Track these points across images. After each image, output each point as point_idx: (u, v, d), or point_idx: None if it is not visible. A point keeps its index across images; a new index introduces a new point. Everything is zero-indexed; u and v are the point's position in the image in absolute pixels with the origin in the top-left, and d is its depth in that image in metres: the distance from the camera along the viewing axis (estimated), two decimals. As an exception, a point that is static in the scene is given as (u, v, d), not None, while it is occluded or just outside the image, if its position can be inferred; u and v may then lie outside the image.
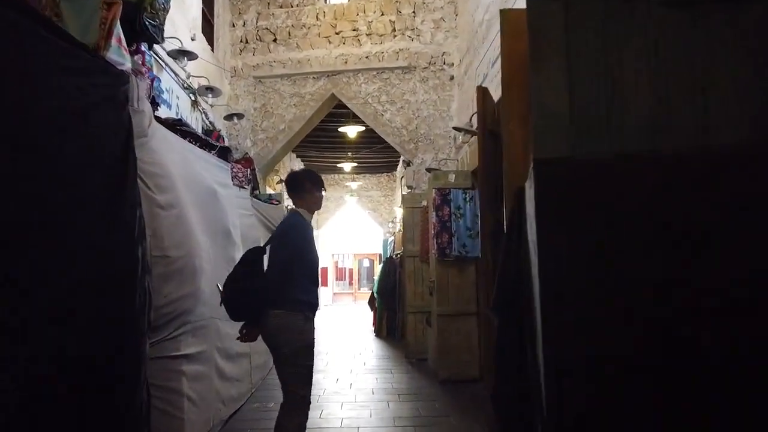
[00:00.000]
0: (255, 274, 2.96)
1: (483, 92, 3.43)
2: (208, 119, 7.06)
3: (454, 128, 5.13)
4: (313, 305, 2.98)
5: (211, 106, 7.38)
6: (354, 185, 14.82)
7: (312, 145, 12.23)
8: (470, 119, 5.21)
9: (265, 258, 3.11)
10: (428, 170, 7.06)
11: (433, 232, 6.03)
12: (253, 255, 3.06)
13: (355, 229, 21.28)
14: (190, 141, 4.60)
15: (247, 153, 7.77)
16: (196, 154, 4.49)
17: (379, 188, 18.73)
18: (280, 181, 11.94)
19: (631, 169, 1.58)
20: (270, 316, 2.88)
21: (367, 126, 8.98)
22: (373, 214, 18.67)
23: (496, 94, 4.05)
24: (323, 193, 3.19)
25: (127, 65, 2.75)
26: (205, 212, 4.04)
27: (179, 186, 3.50)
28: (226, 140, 7.73)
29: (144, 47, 3.70)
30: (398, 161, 16.35)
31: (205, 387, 3.59)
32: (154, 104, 4.64)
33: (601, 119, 1.67)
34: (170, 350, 3.09)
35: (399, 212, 14.10)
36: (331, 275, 22.07)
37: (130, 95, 2.90)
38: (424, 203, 7.33)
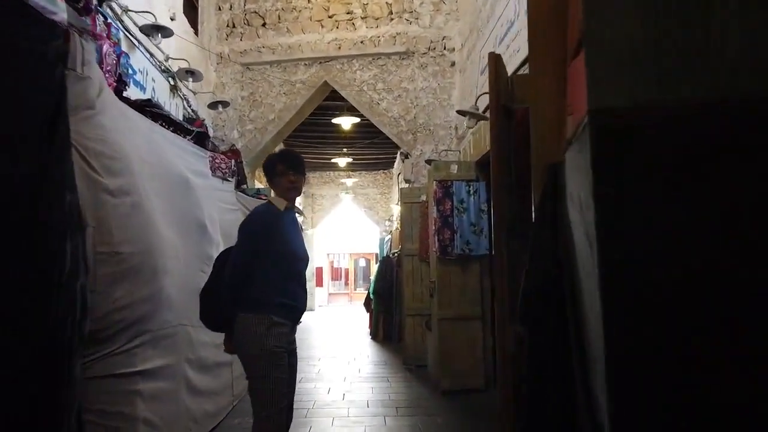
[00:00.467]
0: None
1: (496, 60, 2.91)
2: (189, 106, 6.54)
3: (459, 112, 4.63)
4: (287, 307, 2.48)
5: (195, 93, 6.86)
6: (349, 182, 14.31)
7: (304, 139, 11.71)
8: (475, 102, 4.70)
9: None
10: (428, 162, 6.54)
11: (433, 228, 5.51)
12: (223, 257, 2.59)
13: (350, 228, 20.77)
14: (162, 125, 4.09)
15: (233, 145, 7.23)
16: (167, 138, 3.97)
17: (375, 186, 18.21)
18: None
19: (735, 118, 1.06)
20: (236, 321, 2.43)
21: (362, 117, 8.47)
22: (369, 212, 18.15)
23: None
24: (302, 176, 2.66)
25: (61, 15, 2.23)
26: (174, 203, 3.52)
27: (139, 171, 2.98)
28: (211, 131, 7.21)
29: (95, 2, 3.17)
30: (395, 157, 15.86)
31: (170, 406, 3.07)
32: (122, 82, 4.13)
33: (685, 55, 1.16)
34: (122, 366, 2.57)
35: (396, 210, 13.59)
36: (326, 275, 21.54)
37: (72, 57, 2.38)
38: (424, 198, 6.82)
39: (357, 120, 8.70)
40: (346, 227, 20.67)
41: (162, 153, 3.70)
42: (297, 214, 2.80)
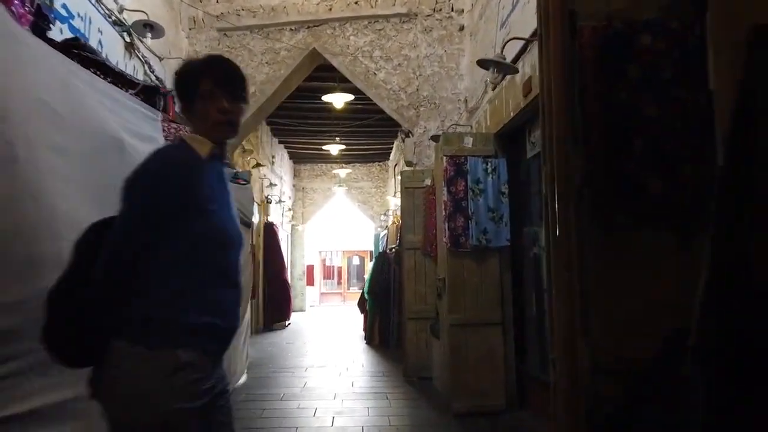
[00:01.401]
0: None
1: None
2: (152, 72, 5.51)
3: (480, 63, 3.64)
4: (209, 332, 1.44)
5: (161, 59, 5.84)
6: (342, 173, 13.31)
7: (293, 124, 10.74)
8: (501, 50, 3.72)
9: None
10: (434, 138, 5.57)
11: (443, 214, 4.54)
12: (94, 234, 1.50)
13: (343, 224, 19.77)
14: (97, 75, 3.11)
15: (208, 122, 6.21)
16: (98, 87, 2.96)
17: (369, 179, 17.23)
18: (257, 165, 10.40)
19: None
20: (109, 355, 1.39)
21: (356, 93, 7.47)
22: (364, 207, 17.16)
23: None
24: (241, 104, 1.59)
25: None
26: (96, 170, 2.53)
27: (25, 117, 2.00)
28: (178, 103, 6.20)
29: None
30: (391, 148, 14.89)
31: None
32: (42, 17, 3.13)
33: None
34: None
35: (393, 202, 12.61)
36: (318, 274, 20.52)
37: None
38: (428, 182, 5.84)
39: (350, 98, 7.69)
40: (339, 223, 19.66)
41: (84, 104, 2.70)
42: (232, 173, 1.76)
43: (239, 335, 5.44)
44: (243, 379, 5.76)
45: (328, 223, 19.32)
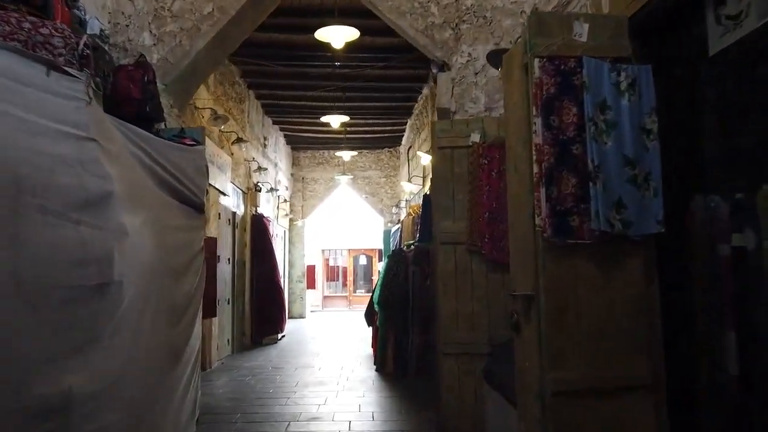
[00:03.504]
0: None
1: None
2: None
3: None
4: None
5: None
6: (346, 156, 11.10)
7: (278, 72, 8.60)
8: None
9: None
10: (493, 57, 3.39)
11: (538, 172, 2.31)
12: None
13: (349, 219, 17.60)
14: None
15: (142, 56, 4.06)
16: None
17: (378, 167, 15.05)
18: (237, 140, 8.24)
19: None
20: None
21: (363, 21, 5.29)
22: (372, 199, 14.98)
23: None
24: None
25: None
26: None
27: None
28: (100, 29, 4.06)
29: None
30: (403, 129, 12.71)
31: None
32: None
33: None
34: None
35: (408, 189, 10.42)
36: (320, 275, 18.36)
37: None
38: (476, 137, 3.66)
39: (353, 34, 5.47)
40: (344, 218, 17.49)
41: None
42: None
43: (162, 380, 3.29)
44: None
45: (332, 218, 17.16)
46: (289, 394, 5.36)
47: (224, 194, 7.88)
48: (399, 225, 10.24)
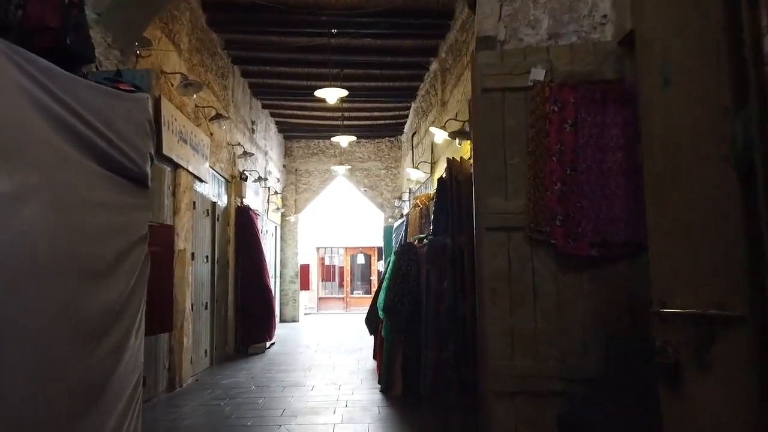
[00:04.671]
0: None
1: None
2: None
3: None
4: None
5: None
6: (344, 142, 9.84)
7: (262, 28, 7.44)
8: None
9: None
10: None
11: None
12: None
13: (346, 214, 16.42)
14: None
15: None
16: None
17: (378, 158, 13.88)
18: (217, 116, 7.02)
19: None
20: None
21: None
22: (371, 192, 13.80)
23: None
24: None
25: None
26: None
27: None
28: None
29: None
30: (405, 117, 11.52)
31: None
32: None
33: None
34: None
35: (414, 176, 9.22)
36: (315, 275, 17.16)
37: None
38: (540, 73, 2.47)
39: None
40: (341, 213, 16.30)
41: None
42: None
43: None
44: None
45: (327, 214, 15.97)
46: (272, 429, 4.16)
47: (201, 180, 6.68)
48: (403, 219, 9.05)
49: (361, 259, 18.26)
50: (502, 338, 2.50)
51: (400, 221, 9.85)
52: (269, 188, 11.16)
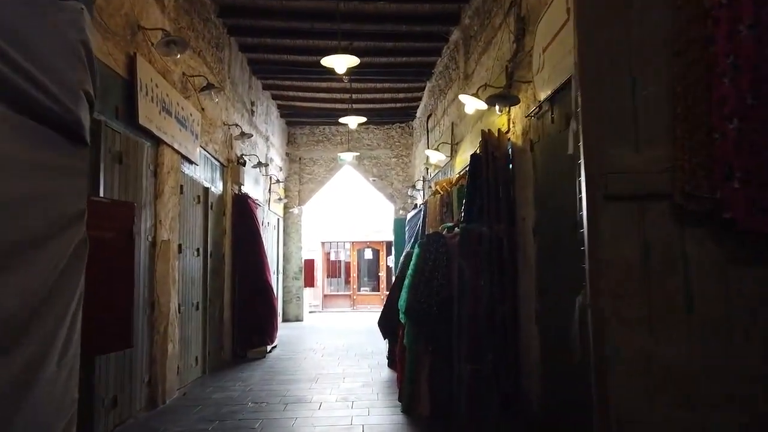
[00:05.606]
0: None
1: None
2: None
3: None
4: None
5: None
6: (353, 123, 8.82)
7: None
8: None
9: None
10: None
11: None
12: None
13: (353, 206, 15.47)
14: None
15: None
16: None
17: (388, 145, 12.92)
18: (208, 86, 6.07)
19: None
20: None
21: None
22: (380, 183, 12.84)
23: None
24: None
25: None
26: None
27: None
28: None
29: None
30: (418, 99, 10.55)
31: None
32: None
33: None
34: None
35: (435, 158, 8.22)
36: (320, 271, 16.23)
37: None
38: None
39: None
40: (348, 205, 15.33)
41: None
42: None
43: None
44: None
45: (333, 205, 15.02)
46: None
47: (190, 161, 5.73)
48: (419, 208, 8.10)
49: (368, 254, 17.32)
50: (632, 374, 1.55)
51: (414, 212, 8.89)
52: (271, 176, 10.22)
